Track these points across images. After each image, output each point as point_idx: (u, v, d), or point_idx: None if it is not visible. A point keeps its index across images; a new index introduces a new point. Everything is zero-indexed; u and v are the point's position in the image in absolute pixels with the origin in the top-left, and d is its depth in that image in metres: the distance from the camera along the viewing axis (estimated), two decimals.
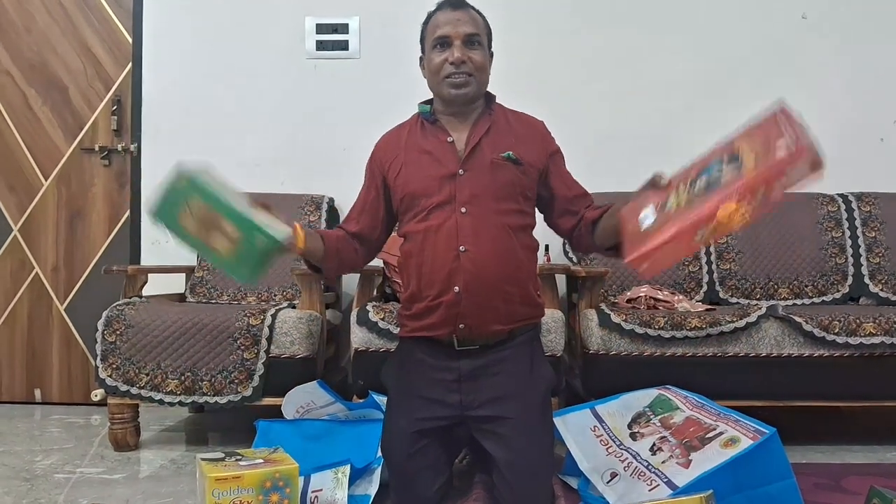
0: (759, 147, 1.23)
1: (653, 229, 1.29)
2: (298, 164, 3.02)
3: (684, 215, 1.25)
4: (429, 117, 1.63)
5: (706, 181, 1.27)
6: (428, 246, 1.54)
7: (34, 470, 2.12)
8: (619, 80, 2.99)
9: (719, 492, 1.40)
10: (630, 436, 1.73)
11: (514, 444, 1.52)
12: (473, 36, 1.56)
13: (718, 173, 1.26)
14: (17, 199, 3.09)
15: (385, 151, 1.66)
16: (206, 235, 1.33)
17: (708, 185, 1.26)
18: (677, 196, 1.30)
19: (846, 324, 2.16)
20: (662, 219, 1.29)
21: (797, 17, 2.99)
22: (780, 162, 1.18)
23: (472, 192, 1.53)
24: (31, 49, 3.07)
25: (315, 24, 3.03)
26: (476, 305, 1.49)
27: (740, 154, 1.25)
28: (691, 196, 1.27)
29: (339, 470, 1.67)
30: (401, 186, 1.59)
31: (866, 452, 2.26)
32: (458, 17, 1.57)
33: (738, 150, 1.27)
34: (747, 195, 1.19)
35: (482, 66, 1.58)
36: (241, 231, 1.31)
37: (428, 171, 1.57)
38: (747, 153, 1.24)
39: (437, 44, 1.57)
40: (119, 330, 2.25)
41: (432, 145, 1.60)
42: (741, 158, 1.24)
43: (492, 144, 1.57)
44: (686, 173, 1.34)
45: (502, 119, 1.63)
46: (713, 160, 1.30)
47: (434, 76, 1.59)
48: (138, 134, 3.04)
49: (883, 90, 2.97)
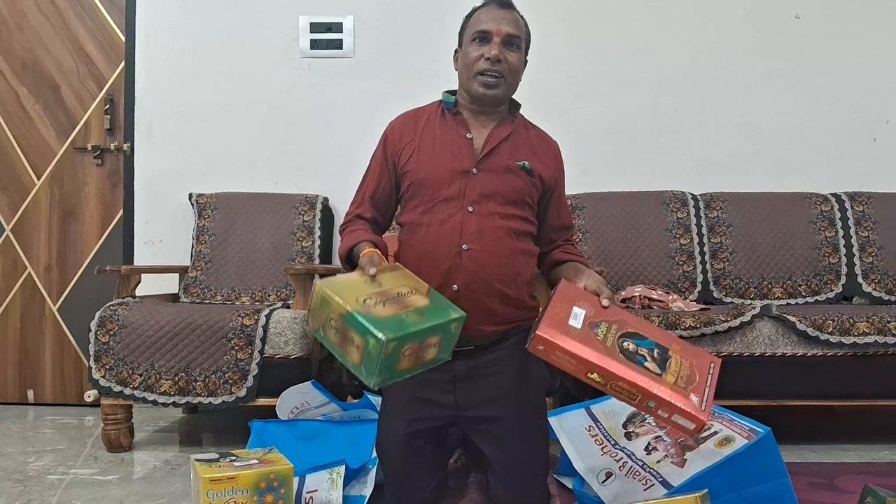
0: (685, 372, 1.33)
1: (574, 334, 1.33)
2: (292, 163, 3.01)
3: (601, 354, 1.31)
4: (451, 108, 1.62)
5: (634, 348, 1.35)
6: (430, 239, 1.52)
7: (27, 471, 2.11)
8: (613, 77, 2.99)
9: (714, 491, 1.41)
10: (625, 435, 1.73)
11: (509, 444, 1.52)
12: (514, 37, 1.57)
13: (645, 355, 1.34)
14: (9, 199, 3.07)
15: (400, 134, 1.62)
16: (419, 359, 1.33)
17: (632, 355, 1.34)
18: (607, 332, 1.36)
19: (840, 323, 2.17)
20: (585, 335, 1.34)
21: (790, 17, 3.00)
22: (686, 409, 1.28)
23: (483, 192, 1.52)
24: (23, 47, 3.05)
25: (309, 23, 3.02)
26: (473, 305, 1.48)
27: (670, 360, 1.35)
28: (615, 345, 1.34)
29: (333, 470, 1.66)
30: (411, 173, 1.57)
31: (860, 451, 2.27)
32: (503, 16, 1.57)
33: (670, 355, 1.36)
34: (644, 395, 1.29)
35: (516, 69, 1.58)
36: (441, 334, 1.33)
37: (441, 162, 1.55)
38: (673, 368, 1.33)
39: (477, 38, 1.56)
40: (112, 330, 2.24)
41: (450, 138, 1.58)
42: (668, 365, 1.34)
43: (510, 150, 1.57)
44: (625, 319, 1.41)
45: (522, 129, 1.64)
46: (650, 337, 1.38)
47: (467, 69, 1.57)
48: (131, 133, 3.03)
49: (876, 90, 2.98)
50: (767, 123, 2.98)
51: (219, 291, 2.72)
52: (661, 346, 1.36)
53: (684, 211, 2.78)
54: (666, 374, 1.31)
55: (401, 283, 1.39)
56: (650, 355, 1.34)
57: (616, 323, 1.38)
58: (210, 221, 2.84)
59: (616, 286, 2.63)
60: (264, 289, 2.71)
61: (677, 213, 2.77)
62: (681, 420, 1.29)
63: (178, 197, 2.97)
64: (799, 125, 2.98)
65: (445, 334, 1.33)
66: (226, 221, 2.84)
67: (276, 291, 2.70)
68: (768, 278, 2.67)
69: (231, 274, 2.75)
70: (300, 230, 2.80)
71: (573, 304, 1.39)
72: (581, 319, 1.36)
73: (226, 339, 2.19)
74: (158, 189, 3.01)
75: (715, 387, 1.34)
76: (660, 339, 1.39)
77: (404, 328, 1.26)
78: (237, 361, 2.18)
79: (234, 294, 2.71)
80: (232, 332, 2.19)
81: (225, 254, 2.78)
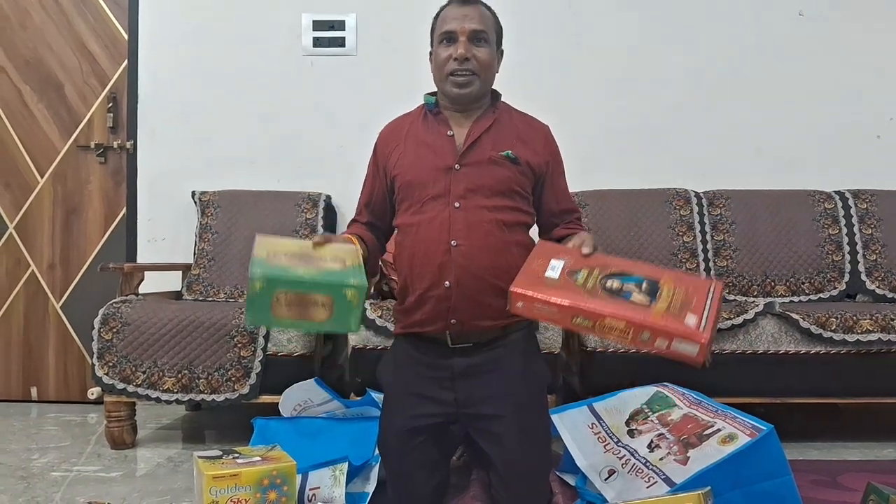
0: (679, 298, 1.26)
1: (550, 284, 1.30)
2: (295, 161, 3.01)
3: (581, 297, 1.26)
4: (432, 108, 1.62)
5: (619, 286, 1.29)
6: (420, 239, 1.53)
7: (31, 468, 2.11)
8: (615, 75, 2.99)
9: (717, 488, 1.40)
10: (628, 433, 1.73)
11: (509, 442, 1.51)
12: (480, 33, 1.55)
13: (632, 289, 1.29)
14: (12, 197, 3.07)
15: (387, 140, 1.65)
16: (304, 314, 1.34)
17: (617, 291, 1.28)
18: (588, 276, 1.32)
19: (843, 321, 2.17)
20: (564, 283, 1.30)
21: (794, 14, 2.99)
22: (681, 330, 1.20)
23: (468, 187, 1.53)
24: (27, 45, 3.05)
25: (312, 21, 3.02)
26: (467, 300, 1.48)
27: (660, 289, 1.28)
28: (598, 286, 1.29)
29: (336, 467, 1.66)
30: (399, 176, 1.59)
31: (863, 449, 2.26)
32: (465, 13, 1.56)
33: (661, 285, 1.29)
34: (636, 328, 1.22)
35: (487, 64, 1.57)
36: (331, 294, 1.33)
37: (425, 162, 1.56)
38: (665, 295, 1.27)
39: (444, 38, 1.56)
40: (115, 328, 2.24)
41: (432, 138, 1.59)
42: (659, 294, 1.27)
43: (492, 142, 1.57)
44: (609, 262, 1.36)
45: (506, 118, 1.63)
46: (637, 273, 1.32)
47: (439, 71, 1.58)
48: (134, 131, 3.03)
49: (879, 87, 2.97)
50: (771, 120, 2.98)
51: (222, 289, 2.72)
52: (650, 280, 1.31)
53: (687, 208, 2.78)
54: (657, 302, 1.25)
55: (335, 253, 1.43)
56: (638, 289, 1.28)
57: (598, 267, 1.34)
58: (213, 219, 2.84)
59: None
60: None
61: (680, 211, 2.77)
62: (681, 346, 1.20)
63: (180, 194, 2.97)
64: (803, 122, 2.97)
65: (338, 298, 1.32)
66: (229, 219, 2.84)
67: None
68: (771, 276, 2.67)
69: (234, 271, 2.75)
70: (303, 228, 2.81)
71: (550, 259, 1.36)
72: (559, 270, 1.33)
73: (229, 337, 2.19)
74: (161, 187, 3.02)
75: (718, 308, 1.26)
76: (649, 274, 1.33)
77: (280, 273, 1.31)
78: (240, 359, 2.18)
79: (237, 291, 2.71)
80: (235, 329, 2.20)
81: (228, 251, 2.78)
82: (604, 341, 2.17)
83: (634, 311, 1.23)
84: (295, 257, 1.39)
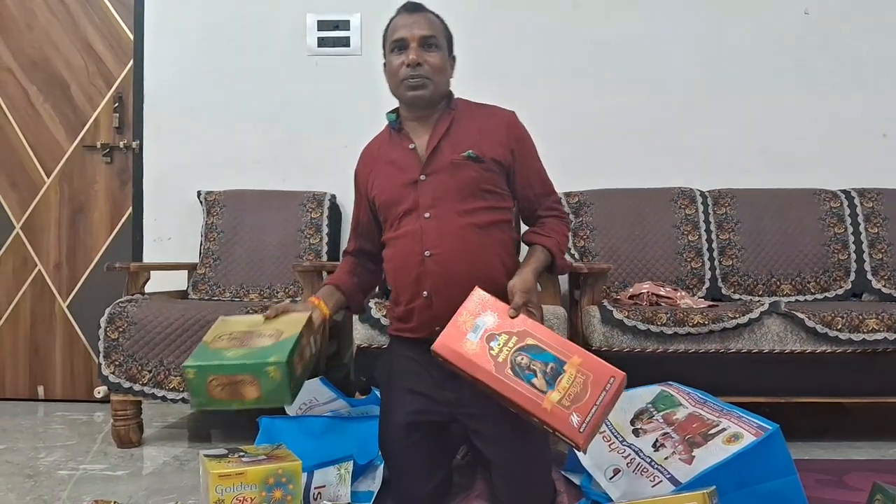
0: (576, 388, 1.34)
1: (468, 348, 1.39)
2: (300, 161, 3.02)
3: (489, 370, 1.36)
4: (394, 125, 1.65)
5: (527, 362, 1.37)
6: (398, 253, 1.58)
7: (37, 467, 2.12)
8: (616, 72, 2.99)
9: (722, 488, 1.40)
10: (633, 432, 1.73)
11: (503, 442, 1.51)
12: (429, 38, 1.58)
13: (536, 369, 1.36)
14: (18, 197, 3.09)
15: (364, 164, 1.71)
16: (236, 394, 1.41)
17: (524, 368, 1.36)
18: (504, 346, 1.39)
19: (849, 320, 2.16)
20: (480, 350, 1.39)
21: (799, 13, 2.98)
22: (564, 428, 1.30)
23: (434, 195, 1.54)
24: (33, 46, 3.07)
25: (316, 21, 3.03)
26: (448, 307, 1.48)
27: (563, 375, 1.35)
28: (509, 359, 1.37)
29: (342, 466, 1.67)
30: (376, 197, 1.63)
31: (869, 449, 2.26)
32: (413, 21, 1.59)
33: (565, 369, 1.35)
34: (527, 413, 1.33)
35: (439, 68, 1.59)
36: (254, 374, 1.39)
37: (394, 179, 1.60)
38: (564, 384, 1.34)
39: (395, 47, 1.60)
40: (122, 327, 2.25)
41: (397, 154, 1.62)
42: (559, 381, 1.34)
43: (452, 145, 1.58)
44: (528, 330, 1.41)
45: (465, 115, 1.63)
46: (549, 350, 1.38)
47: (393, 79, 1.61)
48: (140, 131, 3.05)
49: (886, 86, 2.96)
50: (776, 119, 2.97)
51: (227, 288, 2.73)
52: (558, 360, 1.36)
53: (692, 207, 2.77)
54: (553, 391, 1.33)
55: (279, 326, 1.50)
56: (542, 370, 1.35)
57: (517, 335, 1.40)
58: (218, 218, 2.85)
59: (624, 283, 2.62)
60: (272, 285, 2.72)
61: (685, 210, 2.76)
62: (563, 437, 1.31)
63: (186, 194, 2.98)
64: (808, 121, 2.97)
65: (262, 377, 1.39)
66: (234, 218, 2.85)
67: (284, 288, 2.71)
68: (777, 275, 2.66)
69: (239, 271, 2.76)
70: (308, 227, 2.81)
71: (479, 315, 1.43)
72: (481, 332, 1.40)
73: None
74: (167, 186, 3.03)
75: (610, 404, 1.33)
76: (560, 352, 1.38)
77: (207, 360, 1.41)
78: None
79: (242, 291, 2.72)
80: None
81: (233, 251, 2.79)
82: (608, 341, 2.19)
83: (528, 399, 1.33)
84: (236, 338, 1.48)
